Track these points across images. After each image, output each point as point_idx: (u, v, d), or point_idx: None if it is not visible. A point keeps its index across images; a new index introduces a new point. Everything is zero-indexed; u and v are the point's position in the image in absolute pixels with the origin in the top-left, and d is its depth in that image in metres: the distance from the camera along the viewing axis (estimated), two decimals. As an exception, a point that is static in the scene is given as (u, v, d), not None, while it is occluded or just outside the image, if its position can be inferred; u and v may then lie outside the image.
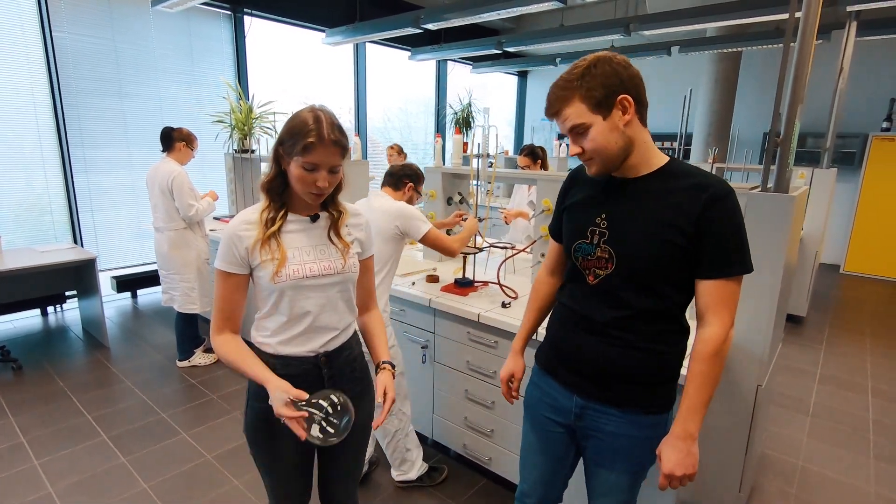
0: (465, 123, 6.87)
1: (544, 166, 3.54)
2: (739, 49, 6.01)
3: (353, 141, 3.51)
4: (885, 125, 6.07)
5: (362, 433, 1.43)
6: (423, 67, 7.67)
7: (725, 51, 5.95)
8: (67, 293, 4.25)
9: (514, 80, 9.52)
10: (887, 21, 4.65)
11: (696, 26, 4.62)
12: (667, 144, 7.63)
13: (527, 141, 9.64)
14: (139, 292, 4.86)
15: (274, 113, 4.35)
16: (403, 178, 2.16)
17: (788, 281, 1.94)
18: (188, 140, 3.23)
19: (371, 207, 2.06)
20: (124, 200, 4.76)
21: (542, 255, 2.42)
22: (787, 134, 1.71)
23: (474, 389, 2.20)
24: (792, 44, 1.69)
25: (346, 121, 7.24)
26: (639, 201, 1.15)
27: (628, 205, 1.16)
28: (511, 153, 6.95)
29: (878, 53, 6.08)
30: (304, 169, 1.16)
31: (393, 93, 7.26)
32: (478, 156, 2.28)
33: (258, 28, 5.46)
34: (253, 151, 4.30)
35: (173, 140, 3.18)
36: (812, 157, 6.67)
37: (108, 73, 4.47)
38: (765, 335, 1.77)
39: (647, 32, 4.76)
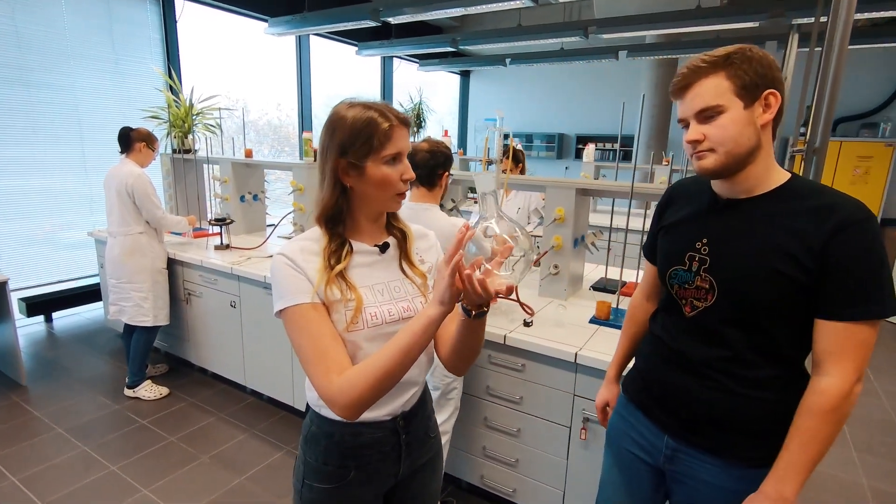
0: (416, 123, 6.64)
1: (523, 170, 3.43)
2: (677, 56, 6.31)
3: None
4: (802, 130, 6.62)
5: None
6: (362, 63, 7.31)
7: (664, 57, 6.21)
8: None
9: (457, 78, 9.42)
10: (809, 35, 5.03)
11: (652, 32, 4.73)
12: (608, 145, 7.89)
13: (470, 141, 9.58)
14: (54, 315, 4.16)
15: (219, 109, 3.89)
16: (437, 170, 1.80)
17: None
18: (149, 140, 2.91)
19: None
20: (34, 208, 4.04)
21: (556, 267, 2.29)
22: (822, 144, 1.70)
23: (496, 416, 2.02)
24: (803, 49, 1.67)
25: (275, 117, 6.76)
26: (748, 224, 0.99)
27: (735, 228, 1.01)
28: (464, 153, 6.82)
29: (794, 65, 6.62)
30: (387, 165, 0.95)
31: (319, 89, 6.79)
32: (490, 162, 2.10)
33: (191, 13, 4.89)
34: (197, 151, 3.82)
35: (132, 140, 2.87)
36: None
37: (9, 58, 3.75)
38: (803, 346, 1.74)
39: (605, 36, 4.81)
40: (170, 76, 4.29)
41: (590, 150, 5.38)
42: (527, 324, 2.00)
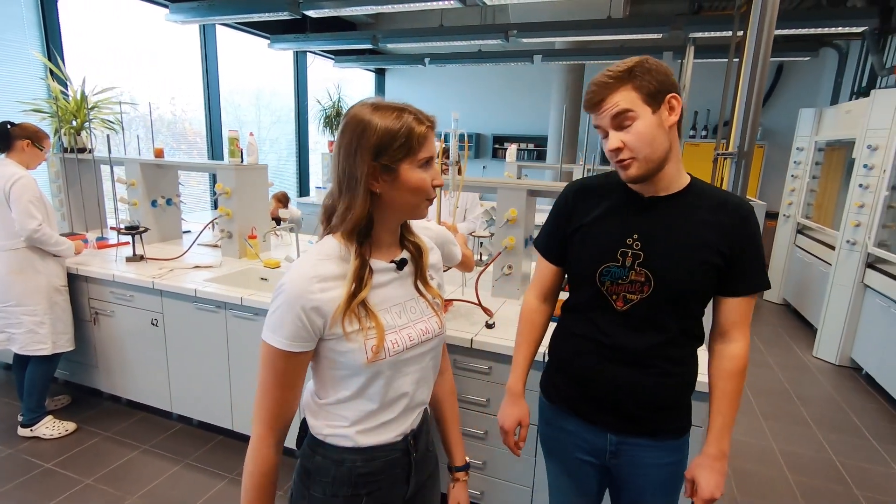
0: (333, 122, 6.42)
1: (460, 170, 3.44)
2: (586, 62, 6.73)
3: (248, 141, 2.96)
4: (691, 133, 7.38)
5: None
6: (272, 57, 6.89)
7: (574, 63, 6.59)
8: None
9: (372, 76, 9.25)
10: (704, 49, 5.61)
11: (569, 38, 4.99)
12: (531, 146, 8.21)
13: (388, 140, 9.46)
14: None
15: (120, 102, 3.46)
16: None
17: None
18: (35, 137, 2.47)
19: None
20: None
21: (510, 268, 2.32)
22: (750, 149, 1.88)
23: (462, 421, 1.99)
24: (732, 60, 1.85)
25: (169, 112, 6.18)
26: (674, 220, 1.09)
27: (663, 224, 1.09)
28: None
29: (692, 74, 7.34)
30: (422, 169, 0.90)
31: (224, 83, 6.27)
32: (444, 163, 2.07)
33: (74, -8, 4.29)
34: (90, 150, 3.37)
35: (13, 138, 2.43)
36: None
37: None
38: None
39: (524, 40, 4.98)
40: (52, 62, 3.74)
41: (512, 151, 5.54)
42: (489, 326, 2.00)
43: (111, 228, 3.50)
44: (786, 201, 5.24)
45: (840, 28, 4.28)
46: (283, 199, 4.65)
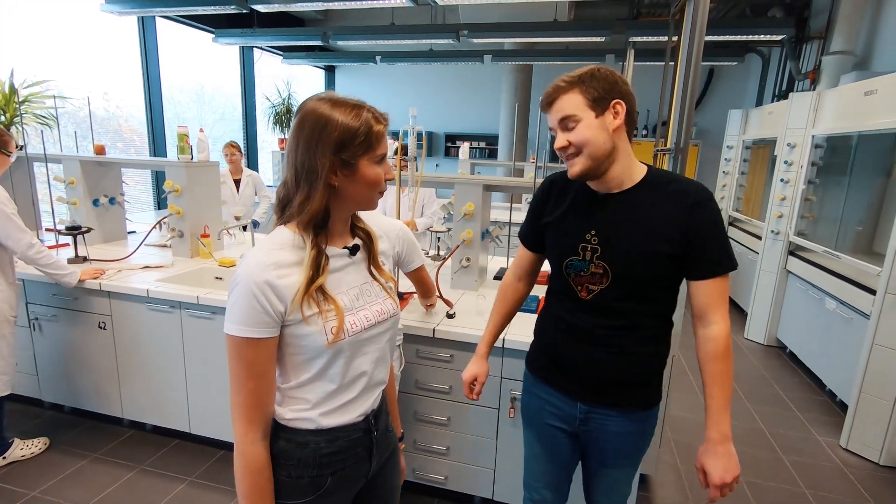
0: (284, 119, 6.30)
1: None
2: (533, 63, 6.94)
3: (198, 137, 2.88)
4: (635, 132, 7.77)
5: (395, 497, 1.22)
6: (216, 52, 6.67)
7: (521, 63, 6.79)
8: None
9: (321, 73, 9.12)
10: (644, 53, 5.93)
11: (517, 39, 5.14)
12: (482, 144, 8.36)
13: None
14: None
15: (54, 96, 3.29)
16: None
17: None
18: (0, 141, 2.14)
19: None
20: None
21: (468, 260, 2.40)
22: (685, 145, 2.05)
23: (426, 409, 2.06)
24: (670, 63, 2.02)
25: (102, 108, 5.88)
26: (627, 215, 1.17)
27: (617, 219, 1.18)
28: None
29: (632, 76, 7.72)
30: (377, 164, 0.95)
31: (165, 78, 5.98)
32: (403, 159, 2.12)
33: (-4, -22, 4.01)
34: (22, 147, 3.16)
35: None
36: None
37: None
38: (679, 308, 2.10)
39: (475, 40, 5.09)
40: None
41: (465, 149, 5.65)
42: (450, 316, 2.07)
43: (47, 230, 3.32)
44: (718, 196, 5.63)
45: (762, 36, 4.66)
46: (240, 149, 4.45)
